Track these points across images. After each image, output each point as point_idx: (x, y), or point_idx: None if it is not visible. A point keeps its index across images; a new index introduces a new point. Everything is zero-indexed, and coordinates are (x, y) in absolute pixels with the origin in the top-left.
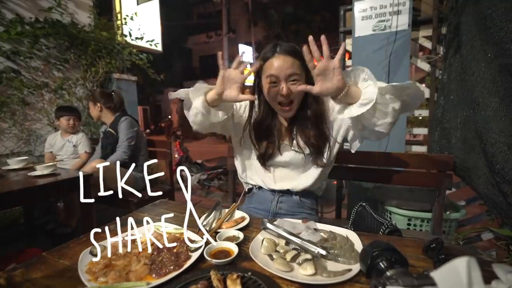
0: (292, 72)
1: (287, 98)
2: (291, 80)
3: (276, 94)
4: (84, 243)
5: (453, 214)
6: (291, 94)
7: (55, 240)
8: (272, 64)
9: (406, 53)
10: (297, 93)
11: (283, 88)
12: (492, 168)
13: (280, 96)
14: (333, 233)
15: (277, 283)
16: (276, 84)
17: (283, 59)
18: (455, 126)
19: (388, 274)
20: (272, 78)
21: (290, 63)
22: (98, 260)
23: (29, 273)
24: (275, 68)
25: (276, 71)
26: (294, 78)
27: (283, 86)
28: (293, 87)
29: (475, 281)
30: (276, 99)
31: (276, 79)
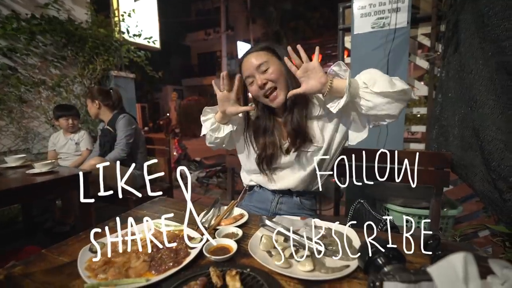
0: (260, 62)
1: (266, 86)
2: (262, 70)
3: (257, 90)
4: (83, 240)
5: (450, 211)
6: (268, 82)
7: (53, 238)
8: (244, 67)
9: (405, 50)
10: (273, 78)
11: (257, 80)
12: (489, 166)
13: (260, 89)
14: (331, 230)
15: (276, 279)
16: (253, 81)
17: (249, 57)
18: (453, 123)
19: (386, 270)
20: (248, 79)
21: (255, 56)
22: (98, 258)
23: (29, 270)
24: (246, 69)
25: (247, 70)
26: (263, 67)
27: (257, 77)
28: (266, 75)
29: (471, 276)
30: (259, 94)
31: (251, 77)
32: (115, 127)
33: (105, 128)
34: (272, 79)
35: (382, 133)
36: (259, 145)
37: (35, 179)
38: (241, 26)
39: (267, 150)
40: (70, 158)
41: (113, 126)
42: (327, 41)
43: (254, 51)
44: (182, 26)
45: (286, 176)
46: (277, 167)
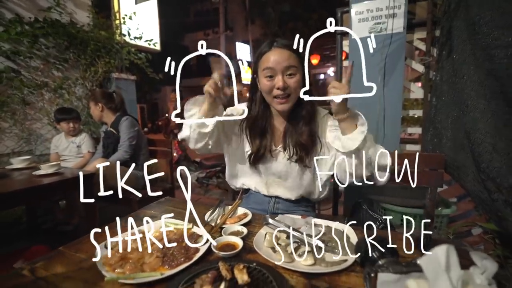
0: (289, 65)
1: (283, 91)
2: (288, 74)
3: (272, 87)
4: (96, 238)
5: (444, 210)
6: (287, 87)
7: (57, 238)
8: (269, 58)
9: (401, 55)
10: (294, 87)
11: (279, 81)
12: (479, 167)
13: (276, 90)
14: (331, 227)
15: (280, 273)
16: (272, 77)
17: (280, 52)
18: (446, 126)
19: (380, 263)
20: (268, 71)
21: (287, 56)
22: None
23: (50, 266)
24: (271, 61)
25: (272, 64)
26: (291, 71)
27: (280, 78)
28: (290, 81)
29: (453, 265)
30: (272, 93)
31: (272, 72)
32: (118, 129)
33: (108, 130)
34: (293, 87)
35: (379, 134)
36: (254, 143)
37: (42, 180)
38: (240, 27)
39: (260, 150)
40: (72, 160)
41: (116, 128)
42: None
43: (286, 48)
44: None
45: (278, 184)
46: (268, 172)
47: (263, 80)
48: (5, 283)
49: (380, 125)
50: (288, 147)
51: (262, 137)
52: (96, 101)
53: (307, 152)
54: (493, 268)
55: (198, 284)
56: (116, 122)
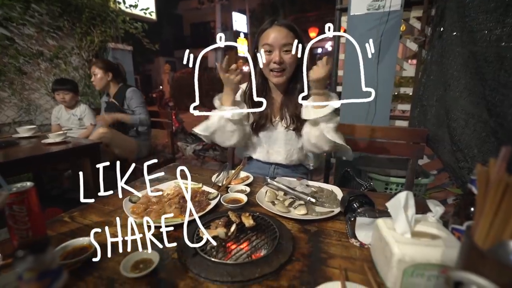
0: (286, 42)
1: (279, 65)
2: (284, 50)
3: (269, 61)
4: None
5: (423, 180)
6: (283, 62)
7: (65, 204)
8: (269, 34)
9: (396, 33)
10: (289, 62)
11: (276, 56)
12: (452, 139)
13: (273, 63)
14: (321, 187)
15: (278, 220)
16: (270, 52)
17: (279, 30)
18: (431, 103)
19: (359, 210)
20: (267, 47)
21: (285, 34)
22: (136, 207)
23: (85, 215)
24: (270, 38)
25: (271, 40)
26: (287, 48)
27: (277, 53)
28: (285, 57)
29: (410, 206)
30: (269, 66)
31: (270, 48)
32: (121, 100)
33: (111, 101)
34: (288, 63)
35: (371, 110)
36: (255, 113)
37: (51, 148)
38: None
39: (261, 120)
40: (75, 131)
41: (118, 99)
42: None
43: (285, 27)
44: None
45: (276, 152)
46: (269, 140)
47: (262, 54)
48: (52, 225)
49: (371, 101)
50: (285, 117)
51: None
52: (106, 69)
53: (302, 122)
54: (441, 210)
55: (213, 226)
56: (119, 93)
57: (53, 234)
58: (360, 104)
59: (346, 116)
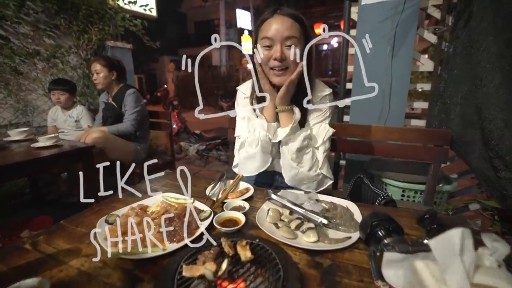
0: (289, 35)
1: (280, 62)
2: (287, 44)
3: (269, 57)
4: (97, 212)
5: (445, 186)
6: (285, 59)
7: (62, 209)
8: (269, 25)
9: (413, 23)
10: (293, 60)
11: (277, 51)
12: (487, 144)
13: (273, 60)
14: (334, 204)
15: (283, 249)
16: (270, 47)
17: (282, 20)
18: (455, 101)
19: (386, 241)
20: (266, 40)
21: (289, 25)
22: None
23: (52, 240)
24: (271, 30)
25: (272, 33)
26: (290, 42)
27: (278, 48)
28: (288, 52)
29: (467, 248)
30: (269, 64)
31: (270, 42)
32: (120, 102)
33: (109, 102)
34: (292, 60)
35: (384, 107)
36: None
37: (41, 152)
38: None
39: None
40: (71, 133)
41: (117, 101)
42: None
43: (290, 17)
44: None
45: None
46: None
47: (261, 49)
48: (8, 256)
49: (385, 98)
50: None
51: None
52: (112, 68)
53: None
54: (505, 250)
55: (200, 260)
56: (120, 94)
57: (3, 269)
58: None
59: (357, 115)
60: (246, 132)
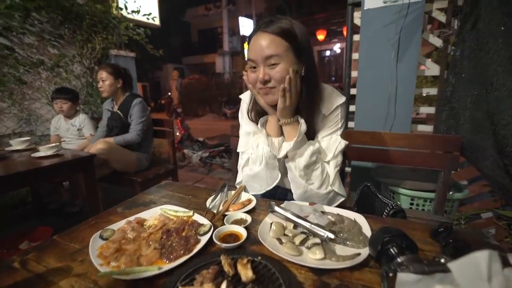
0: (269, 54)
1: (264, 84)
2: (270, 64)
3: (256, 79)
4: (93, 226)
5: (456, 194)
6: (269, 80)
7: (63, 218)
8: (252, 45)
9: (418, 27)
10: (278, 78)
11: (259, 73)
12: (502, 150)
13: (259, 83)
14: (341, 216)
15: (286, 267)
16: (255, 69)
17: (261, 38)
18: (464, 106)
19: (399, 260)
20: (250, 62)
21: (268, 43)
22: (106, 246)
23: (42, 257)
24: (252, 51)
25: (253, 54)
26: (273, 60)
27: (261, 70)
28: (272, 72)
29: (495, 273)
30: (256, 86)
31: (254, 63)
32: (126, 111)
33: (115, 111)
34: (277, 79)
35: (390, 113)
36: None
37: (42, 162)
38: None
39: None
40: (73, 142)
41: (123, 110)
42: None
43: (269, 32)
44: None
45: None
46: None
47: (248, 71)
48: None
49: (391, 104)
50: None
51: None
52: (117, 75)
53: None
54: None
55: (198, 281)
56: (126, 103)
57: None
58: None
59: (362, 121)
60: (250, 148)
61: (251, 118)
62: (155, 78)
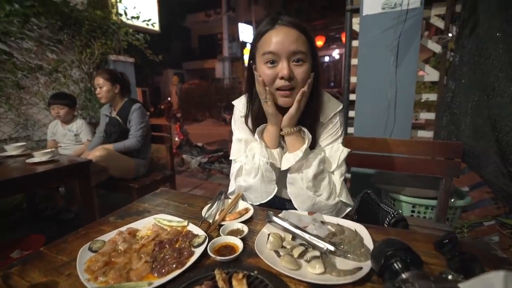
0: (297, 49)
1: (288, 81)
2: (295, 60)
3: (274, 77)
4: (83, 236)
5: (458, 201)
6: (293, 78)
7: (58, 225)
8: (270, 39)
9: (417, 33)
10: (301, 78)
11: (283, 68)
12: (505, 157)
13: (280, 79)
14: (341, 226)
15: (284, 283)
16: (275, 64)
17: (286, 32)
18: (465, 111)
19: (404, 276)
20: (269, 56)
21: (295, 37)
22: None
23: (27, 271)
24: (274, 43)
25: (275, 47)
26: (299, 57)
27: (285, 65)
28: (297, 70)
29: None
30: (274, 84)
31: (275, 57)
32: (125, 117)
33: (114, 117)
34: (300, 79)
35: (390, 120)
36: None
37: (36, 168)
38: (243, 7)
39: None
40: (70, 147)
41: (122, 116)
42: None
43: (295, 27)
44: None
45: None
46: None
47: (262, 68)
48: None
49: (391, 109)
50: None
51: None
52: (114, 81)
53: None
54: None
55: None
56: (124, 109)
57: None
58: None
59: (362, 127)
60: (244, 156)
61: (248, 126)
62: (155, 83)
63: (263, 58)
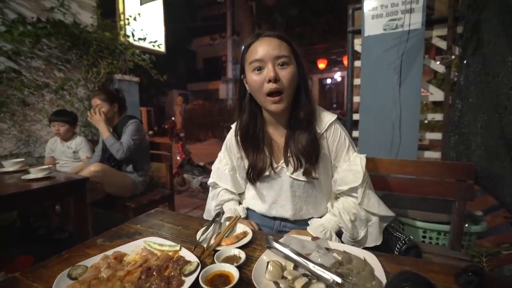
0: (280, 53)
1: (275, 82)
2: (279, 63)
3: (261, 82)
4: (65, 260)
5: (473, 227)
6: (279, 80)
7: (51, 245)
8: (256, 48)
9: (419, 53)
10: (287, 80)
11: (269, 71)
12: None
13: (267, 83)
14: (348, 254)
15: None
16: (261, 70)
17: (269, 41)
18: (475, 131)
19: None
20: (256, 63)
21: (277, 44)
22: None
23: None
24: (259, 52)
25: (260, 54)
26: (283, 60)
27: (270, 68)
28: (282, 72)
29: None
30: (263, 89)
31: (261, 64)
32: (120, 132)
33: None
34: (286, 80)
35: (395, 139)
36: (249, 158)
37: (31, 185)
38: (247, 31)
39: (257, 166)
40: (69, 164)
41: (118, 132)
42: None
43: (275, 37)
44: (188, 31)
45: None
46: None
47: (251, 76)
48: None
49: (396, 130)
50: (291, 160)
51: (257, 150)
52: (112, 101)
53: (311, 161)
54: None
55: None
56: (121, 124)
57: None
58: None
59: (366, 147)
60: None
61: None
62: (160, 104)
63: (250, 67)
